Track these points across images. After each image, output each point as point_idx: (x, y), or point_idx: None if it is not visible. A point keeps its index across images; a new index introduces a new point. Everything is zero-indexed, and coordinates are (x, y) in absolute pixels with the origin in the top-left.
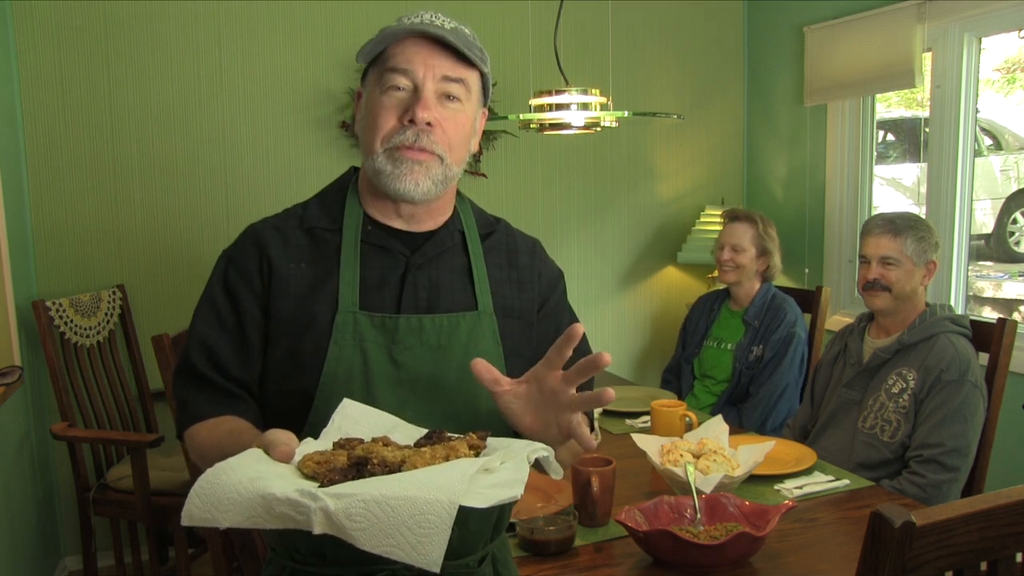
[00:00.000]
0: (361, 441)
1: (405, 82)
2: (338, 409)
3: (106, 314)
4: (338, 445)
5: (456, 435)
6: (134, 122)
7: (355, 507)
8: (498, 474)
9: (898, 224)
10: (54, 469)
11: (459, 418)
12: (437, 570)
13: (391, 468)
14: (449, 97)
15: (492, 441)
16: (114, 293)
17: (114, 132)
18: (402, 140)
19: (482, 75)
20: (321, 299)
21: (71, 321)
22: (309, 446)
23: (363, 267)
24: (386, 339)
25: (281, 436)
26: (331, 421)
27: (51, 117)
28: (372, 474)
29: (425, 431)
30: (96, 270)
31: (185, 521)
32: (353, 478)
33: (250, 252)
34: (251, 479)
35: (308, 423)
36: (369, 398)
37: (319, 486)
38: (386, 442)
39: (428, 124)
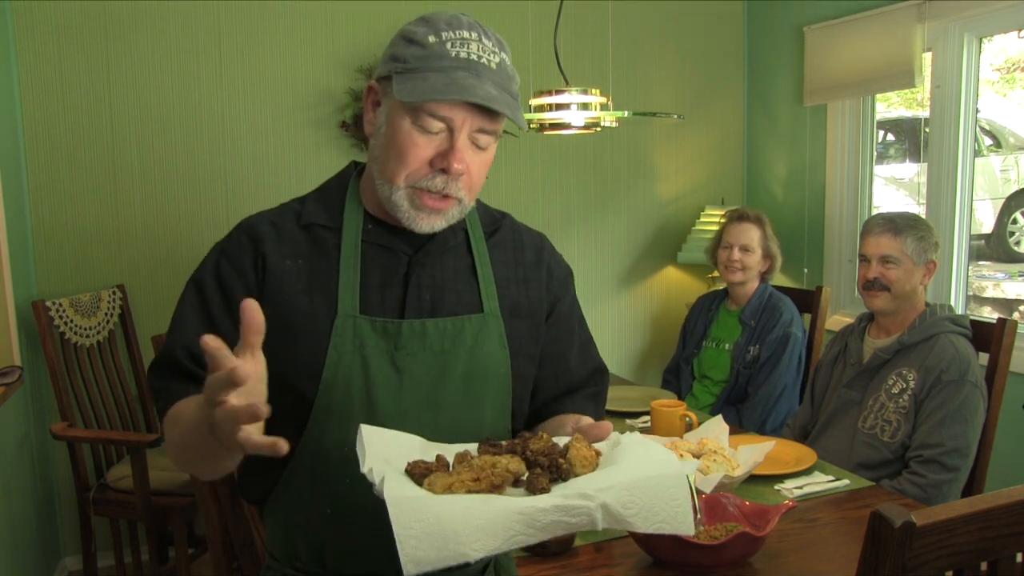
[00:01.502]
0: (423, 462)
1: (440, 126)
2: (363, 438)
3: (106, 314)
4: (422, 468)
5: (503, 441)
6: (134, 122)
7: (623, 496)
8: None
9: (898, 223)
10: (54, 469)
11: (463, 425)
12: (692, 532)
13: (571, 467)
14: (480, 141)
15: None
16: (114, 293)
17: (114, 132)
18: (429, 186)
19: None
20: (319, 300)
21: (71, 321)
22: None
23: (364, 267)
24: (388, 344)
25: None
26: (364, 451)
27: (51, 117)
28: (567, 475)
29: (445, 445)
30: (96, 270)
31: (414, 570)
32: (552, 481)
33: (244, 245)
34: (480, 503)
35: (308, 431)
36: (370, 406)
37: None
38: (472, 456)
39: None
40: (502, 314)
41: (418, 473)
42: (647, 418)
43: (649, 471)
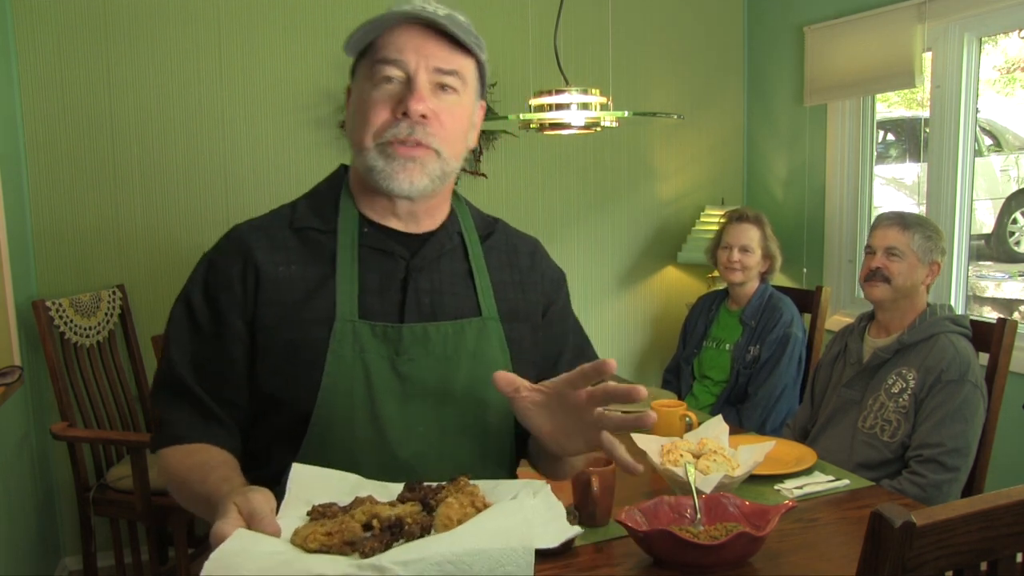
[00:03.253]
0: (335, 505)
1: (397, 73)
2: (291, 477)
3: (106, 314)
4: (318, 513)
5: (433, 483)
6: (134, 122)
7: (429, 571)
8: (544, 511)
9: (908, 219)
10: (54, 469)
11: (469, 431)
12: None
13: (425, 527)
14: (444, 88)
15: (481, 484)
16: (114, 293)
17: (114, 132)
18: (395, 134)
19: (479, 64)
20: (315, 306)
21: (71, 321)
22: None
23: (361, 271)
24: (389, 350)
25: (263, 505)
26: (287, 491)
27: (51, 117)
28: (411, 535)
29: (386, 484)
30: (96, 270)
31: None
32: (389, 543)
33: (233, 256)
34: (278, 564)
35: (305, 443)
36: (373, 414)
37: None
38: (372, 502)
39: (423, 116)
40: (501, 318)
41: (315, 517)
42: None
43: (487, 543)
